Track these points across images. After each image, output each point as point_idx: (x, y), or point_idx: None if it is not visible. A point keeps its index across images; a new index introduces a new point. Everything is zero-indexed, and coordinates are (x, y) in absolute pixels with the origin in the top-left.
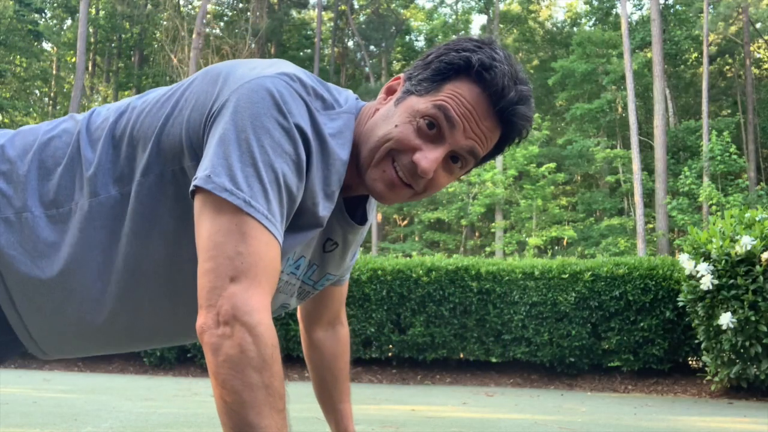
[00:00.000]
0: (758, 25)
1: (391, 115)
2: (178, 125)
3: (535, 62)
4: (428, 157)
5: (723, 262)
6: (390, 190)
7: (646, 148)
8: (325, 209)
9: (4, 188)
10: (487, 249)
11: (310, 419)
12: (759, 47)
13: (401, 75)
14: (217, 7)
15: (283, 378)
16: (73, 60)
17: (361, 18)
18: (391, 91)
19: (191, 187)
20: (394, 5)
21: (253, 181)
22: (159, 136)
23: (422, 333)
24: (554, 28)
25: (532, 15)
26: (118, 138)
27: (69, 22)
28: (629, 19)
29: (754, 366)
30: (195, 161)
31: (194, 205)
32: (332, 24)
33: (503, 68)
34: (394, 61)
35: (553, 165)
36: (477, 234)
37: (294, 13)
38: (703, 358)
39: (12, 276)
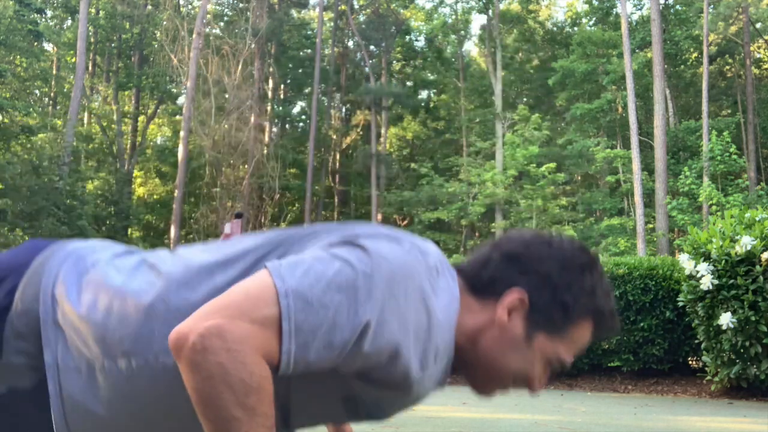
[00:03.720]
0: (758, 25)
1: (521, 350)
2: None
3: (535, 62)
4: (542, 383)
5: (723, 262)
6: (496, 394)
7: (646, 148)
8: (416, 375)
9: None
10: None
11: None
12: (759, 47)
13: (523, 294)
14: (217, 7)
15: (272, 402)
16: (73, 60)
17: (361, 18)
18: (513, 309)
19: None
20: (394, 5)
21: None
22: None
23: None
24: (554, 28)
25: (532, 15)
26: None
27: (69, 22)
28: (629, 19)
29: (754, 366)
30: None
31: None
32: (332, 24)
33: (615, 311)
34: (394, 61)
35: (553, 165)
36: (477, 234)
37: (294, 13)
38: (703, 358)
39: None
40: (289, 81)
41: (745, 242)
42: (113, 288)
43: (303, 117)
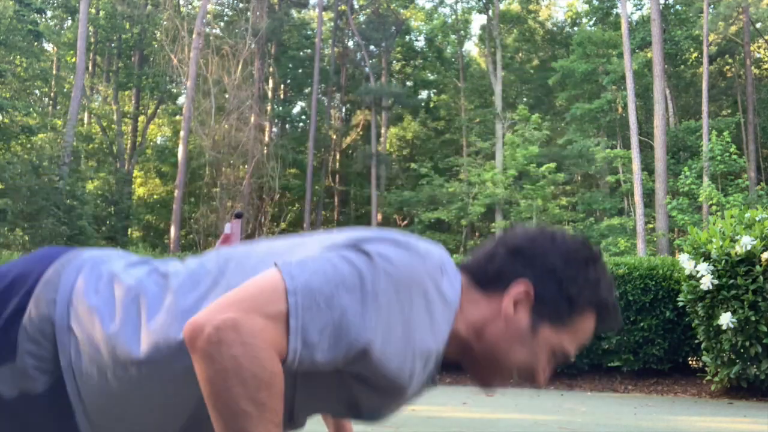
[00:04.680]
0: (758, 25)
1: (526, 342)
2: None
3: (535, 62)
4: (546, 376)
5: (723, 262)
6: (499, 387)
7: (646, 148)
8: (418, 378)
9: None
10: None
11: (310, 419)
12: (759, 47)
13: (528, 286)
14: (217, 7)
15: (282, 399)
16: (73, 60)
17: (361, 18)
18: (518, 301)
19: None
20: (394, 5)
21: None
22: None
23: None
24: (554, 28)
25: (532, 15)
26: None
27: (69, 22)
28: (629, 19)
29: (754, 366)
30: None
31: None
32: (332, 24)
33: (618, 305)
34: (394, 61)
35: (553, 165)
36: (477, 234)
37: (294, 13)
38: (703, 358)
39: None
40: (289, 81)
41: (745, 242)
42: (131, 290)
43: (303, 117)
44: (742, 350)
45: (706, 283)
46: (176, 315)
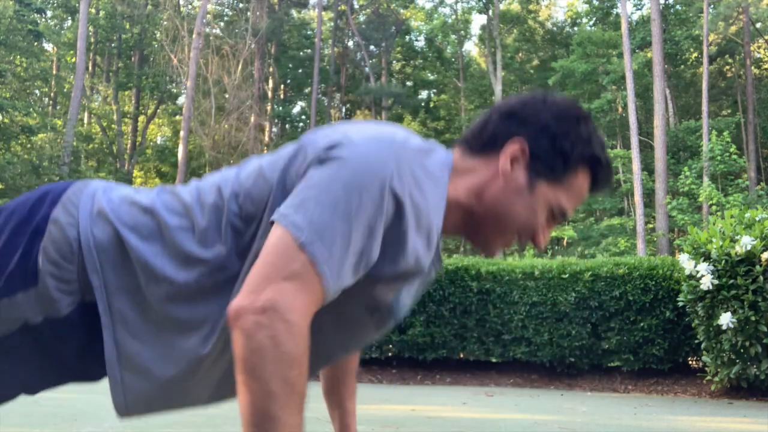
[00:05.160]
0: (758, 25)
1: (525, 198)
2: None
3: (535, 62)
4: (546, 237)
5: (723, 262)
6: (501, 249)
7: (646, 148)
8: (425, 259)
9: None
10: None
11: (311, 419)
12: (759, 47)
13: (523, 143)
14: (217, 7)
15: (307, 381)
16: (73, 60)
17: (361, 18)
18: (514, 158)
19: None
20: (394, 5)
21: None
22: None
23: (422, 333)
24: (554, 28)
25: (532, 15)
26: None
27: (69, 22)
28: (629, 19)
29: (754, 366)
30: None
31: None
32: (332, 24)
33: (611, 162)
34: (394, 61)
35: None
36: None
37: (294, 13)
38: (703, 358)
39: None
40: (289, 81)
41: (745, 242)
42: (144, 207)
43: (303, 117)
44: (742, 350)
45: (706, 283)
46: (196, 233)
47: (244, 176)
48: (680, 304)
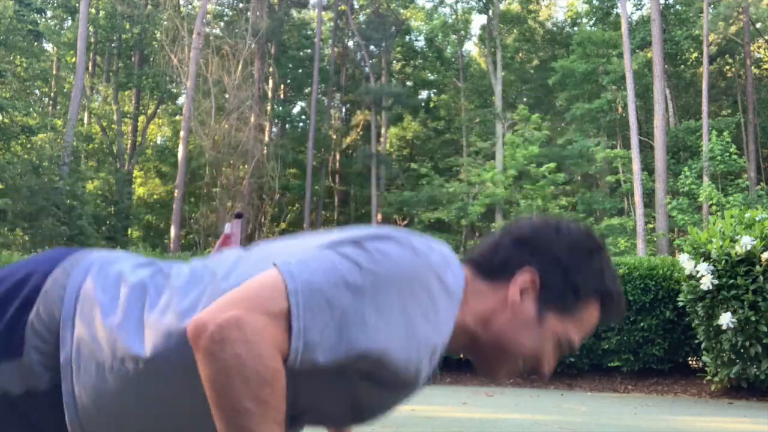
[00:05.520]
0: (758, 25)
1: (533, 330)
2: None
3: (535, 62)
4: (551, 365)
5: (723, 262)
6: (505, 377)
7: (646, 148)
8: (424, 372)
9: None
10: None
11: None
12: (759, 47)
13: (534, 274)
14: (217, 7)
15: (284, 396)
16: (73, 60)
17: (361, 18)
18: (525, 289)
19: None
20: (394, 5)
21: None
22: None
23: None
24: (554, 28)
25: (532, 15)
26: None
27: (69, 22)
28: (629, 19)
29: (754, 366)
30: None
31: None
32: (332, 24)
33: (622, 294)
34: (394, 61)
35: (553, 165)
36: (477, 234)
37: (294, 13)
38: (703, 358)
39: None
40: (289, 81)
41: (745, 242)
42: (135, 287)
43: (303, 117)
44: (742, 350)
45: (706, 283)
46: (177, 313)
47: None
48: (680, 304)
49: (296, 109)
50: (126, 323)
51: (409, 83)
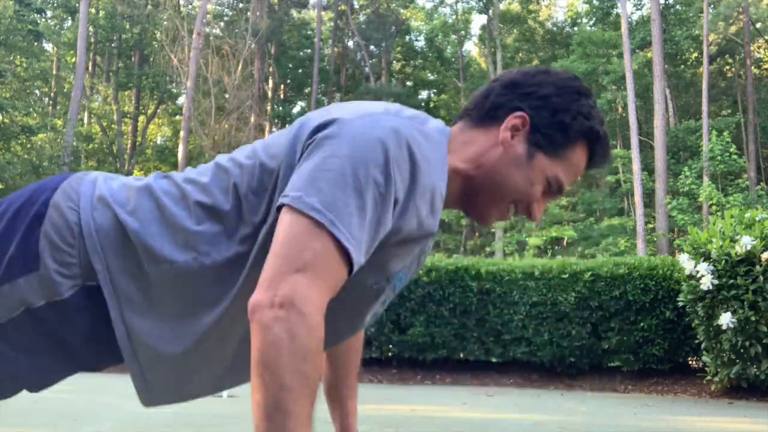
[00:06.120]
0: (758, 25)
1: (523, 168)
2: None
3: (535, 62)
4: (541, 209)
5: (723, 262)
6: (496, 221)
7: (646, 148)
8: (429, 223)
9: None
10: (487, 249)
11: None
12: (759, 47)
13: (524, 115)
14: (217, 7)
15: (319, 376)
16: (73, 60)
17: (361, 18)
18: (514, 129)
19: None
20: (394, 5)
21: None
22: None
23: (422, 333)
24: (554, 28)
25: (532, 15)
26: None
27: (69, 22)
28: (629, 19)
29: (754, 366)
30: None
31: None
32: (332, 24)
33: (608, 137)
34: (394, 61)
35: None
36: (477, 234)
37: (294, 13)
38: (703, 358)
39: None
40: (289, 81)
41: (745, 242)
42: (142, 191)
43: None
44: (742, 350)
45: (706, 283)
46: (193, 212)
47: (244, 156)
48: (680, 304)
49: (296, 109)
50: (148, 227)
51: (409, 83)
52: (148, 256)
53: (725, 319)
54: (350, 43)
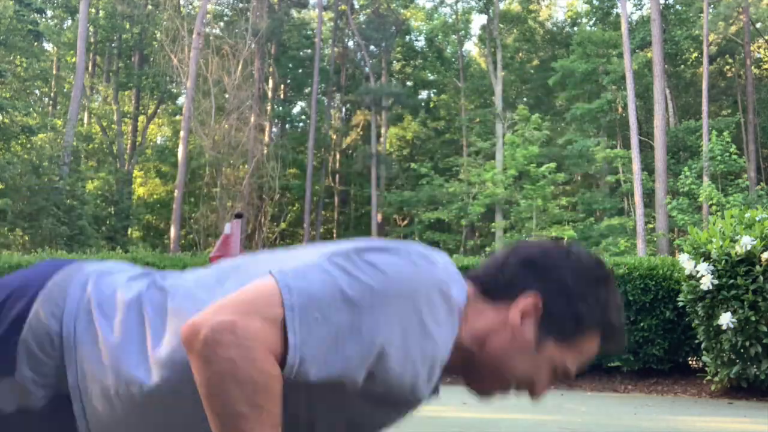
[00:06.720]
0: (758, 25)
1: (529, 355)
2: None
3: (535, 62)
4: (545, 390)
5: (723, 262)
6: (497, 397)
7: (646, 148)
8: (423, 390)
9: None
10: (487, 249)
11: None
12: (759, 47)
13: (537, 298)
14: (217, 7)
15: (280, 402)
16: (73, 60)
17: (361, 18)
18: (526, 313)
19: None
20: (394, 5)
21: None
22: None
23: None
24: (554, 28)
25: (532, 15)
26: None
27: (69, 22)
28: (629, 19)
29: (754, 366)
30: None
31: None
32: (332, 24)
33: (624, 328)
34: (394, 61)
35: (553, 165)
36: (477, 234)
37: (294, 13)
38: (703, 358)
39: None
40: (289, 81)
41: (745, 242)
42: (129, 304)
43: (303, 117)
44: (742, 350)
45: (706, 283)
46: (179, 337)
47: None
48: (680, 304)
49: (296, 109)
50: (127, 346)
51: (409, 83)
52: (118, 375)
53: (725, 319)
54: (350, 43)
